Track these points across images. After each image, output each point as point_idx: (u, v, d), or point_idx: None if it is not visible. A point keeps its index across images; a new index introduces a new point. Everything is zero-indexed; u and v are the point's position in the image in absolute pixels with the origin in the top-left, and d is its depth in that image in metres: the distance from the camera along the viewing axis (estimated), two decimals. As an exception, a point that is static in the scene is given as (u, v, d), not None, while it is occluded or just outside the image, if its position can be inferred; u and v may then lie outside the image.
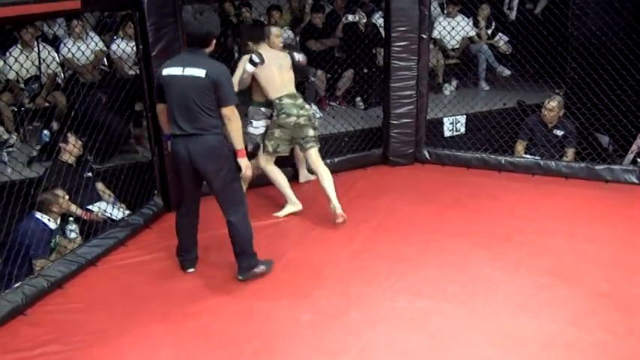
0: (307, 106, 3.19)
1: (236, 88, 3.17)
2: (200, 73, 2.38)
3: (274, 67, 3.12)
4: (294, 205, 3.29)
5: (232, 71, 2.99)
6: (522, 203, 3.44)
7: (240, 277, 2.65)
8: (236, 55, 4.56)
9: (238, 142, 2.49)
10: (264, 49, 3.19)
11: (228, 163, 2.50)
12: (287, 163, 3.64)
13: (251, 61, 3.09)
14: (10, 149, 3.72)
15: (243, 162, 2.54)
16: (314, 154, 3.23)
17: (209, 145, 2.44)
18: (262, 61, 3.08)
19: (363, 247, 3.00)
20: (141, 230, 3.22)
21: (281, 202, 3.39)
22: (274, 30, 3.34)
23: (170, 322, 2.45)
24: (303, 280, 2.72)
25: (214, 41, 2.48)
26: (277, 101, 3.12)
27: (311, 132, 3.18)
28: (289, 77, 3.18)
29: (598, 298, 2.51)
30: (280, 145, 3.17)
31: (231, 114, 2.43)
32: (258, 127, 3.42)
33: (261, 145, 3.27)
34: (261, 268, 2.66)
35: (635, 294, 2.53)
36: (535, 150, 3.93)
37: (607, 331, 2.29)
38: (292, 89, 3.17)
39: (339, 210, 3.16)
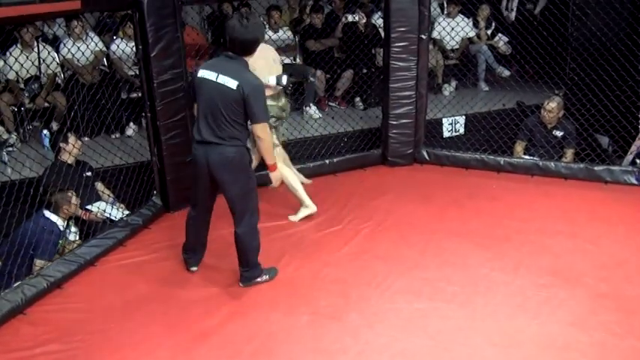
0: (287, 111, 3.11)
1: None
2: (232, 84, 2.31)
3: (269, 62, 2.97)
4: (308, 208, 3.22)
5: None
6: (521, 204, 3.44)
7: (241, 285, 2.64)
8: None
9: (269, 159, 2.47)
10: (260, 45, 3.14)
11: (245, 175, 2.46)
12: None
13: (278, 82, 2.94)
14: (10, 149, 3.72)
15: (274, 176, 2.55)
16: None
17: (227, 157, 2.39)
18: (288, 85, 2.97)
19: (362, 248, 3.00)
20: (140, 230, 3.22)
21: (281, 202, 3.38)
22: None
23: (169, 322, 2.45)
24: (302, 280, 2.72)
25: (257, 49, 2.40)
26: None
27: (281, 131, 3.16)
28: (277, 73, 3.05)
29: (597, 298, 2.51)
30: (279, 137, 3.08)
31: (261, 132, 2.36)
32: None
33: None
34: (264, 277, 2.66)
35: (634, 294, 2.53)
36: (534, 151, 3.93)
37: (606, 332, 2.29)
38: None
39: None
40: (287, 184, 3.20)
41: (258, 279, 2.65)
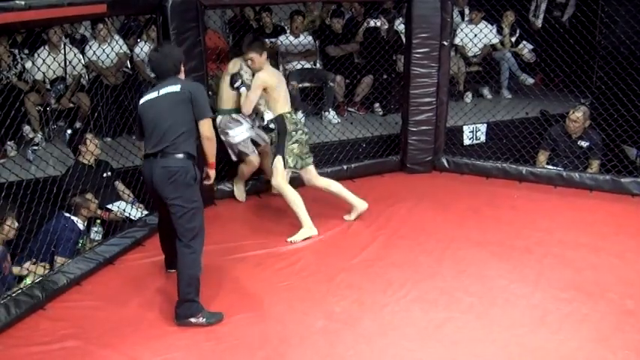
0: (300, 125, 3.18)
1: (250, 108, 3.16)
2: (176, 88, 2.40)
3: (282, 84, 3.14)
4: (309, 230, 3.11)
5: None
6: (543, 214, 3.35)
7: (175, 322, 2.42)
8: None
9: (211, 157, 2.47)
10: (267, 64, 3.16)
11: (187, 192, 2.35)
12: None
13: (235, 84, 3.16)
14: (35, 148, 3.83)
15: (212, 173, 2.54)
16: (312, 168, 3.23)
17: (169, 170, 2.33)
18: (244, 86, 3.19)
19: (378, 255, 2.97)
20: (158, 230, 3.24)
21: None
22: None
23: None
24: (317, 286, 2.70)
25: (183, 67, 2.50)
26: (289, 115, 3.11)
27: (308, 147, 3.20)
28: (287, 93, 3.20)
29: (623, 315, 2.42)
30: (299, 161, 3.13)
31: (207, 129, 2.40)
32: (236, 134, 3.42)
33: (281, 161, 3.10)
34: (200, 320, 2.38)
35: (662, 313, 2.43)
36: (558, 161, 3.84)
37: (632, 350, 2.20)
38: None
39: (364, 205, 3.25)
40: (287, 202, 3.12)
41: (192, 319, 2.37)
